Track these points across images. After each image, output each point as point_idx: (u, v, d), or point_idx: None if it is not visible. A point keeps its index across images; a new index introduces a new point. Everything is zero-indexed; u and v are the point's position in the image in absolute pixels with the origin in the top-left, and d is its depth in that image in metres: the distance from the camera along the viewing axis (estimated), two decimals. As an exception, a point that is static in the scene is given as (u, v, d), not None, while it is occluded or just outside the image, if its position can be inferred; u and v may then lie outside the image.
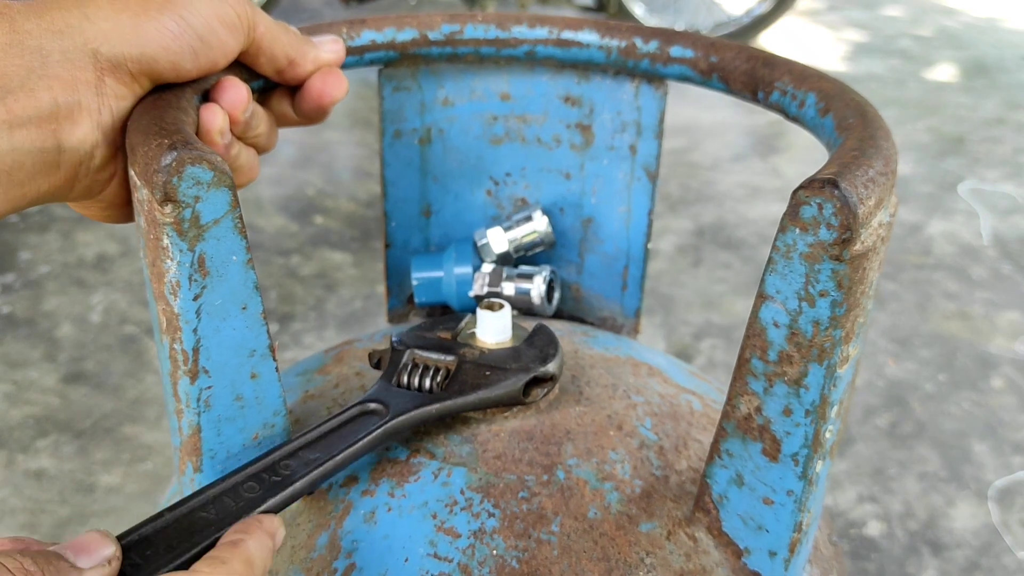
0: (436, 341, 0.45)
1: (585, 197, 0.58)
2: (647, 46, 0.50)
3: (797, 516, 0.37)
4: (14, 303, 1.44)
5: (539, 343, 0.45)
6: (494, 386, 0.42)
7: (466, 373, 0.43)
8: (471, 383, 0.42)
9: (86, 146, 0.35)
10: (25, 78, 0.33)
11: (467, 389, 0.42)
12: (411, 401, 0.41)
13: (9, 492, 1.06)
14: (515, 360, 0.44)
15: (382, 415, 0.40)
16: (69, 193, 0.37)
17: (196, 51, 0.37)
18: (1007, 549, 1.04)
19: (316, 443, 0.38)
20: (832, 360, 0.33)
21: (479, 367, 0.43)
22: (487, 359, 0.44)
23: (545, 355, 0.44)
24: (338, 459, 0.37)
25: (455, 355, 0.44)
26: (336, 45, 0.45)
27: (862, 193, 0.31)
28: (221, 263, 0.34)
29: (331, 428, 0.39)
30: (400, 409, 0.40)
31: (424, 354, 0.44)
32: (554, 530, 0.39)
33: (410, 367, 0.43)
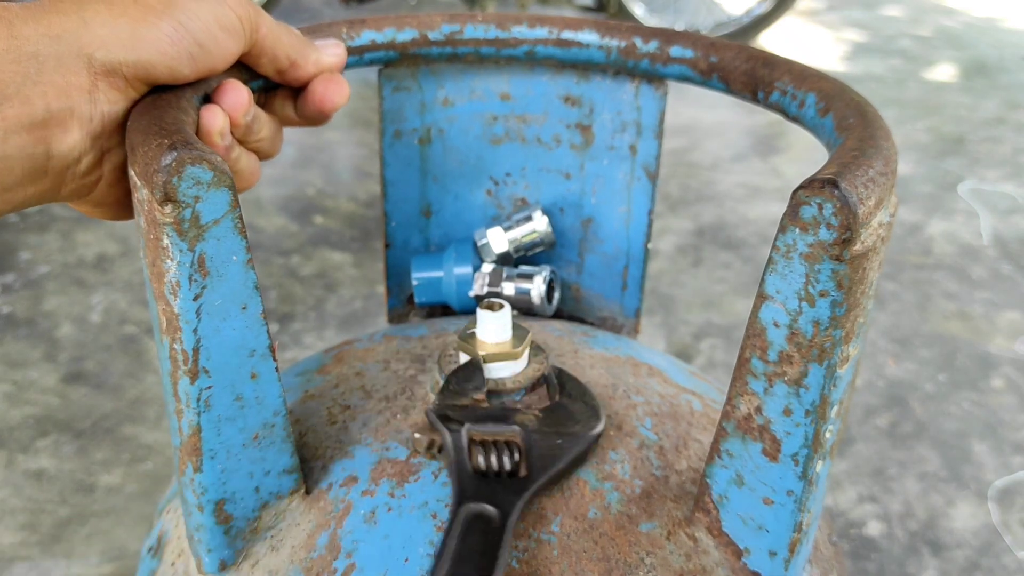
0: (481, 410, 0.41)
1: (585, 197, 0.58)
2: (647, 46, 0.50)
3: (797, 516, 0.37)
4: (14, 303, 1.44)
5: (575, 393, 0.44)
6: (571, 453, 0.40)
7: (538, 445, 0.40)
8: (549, 455, 0.40)
9: (75, 153, 0.35)
10: (21, 84, 0.33)
11: (549, 463, 0.39)
12: (516, 493, 0.38)
13: (9, 492, 1.06)
14: (572, 421, 0.42)
15: (496, 520, 0.37)
16: (57, 196, 0.37)
17: (194, 56, 0.37)
18: (1007, 549, 1.04)
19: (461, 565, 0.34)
20: (832, 360, 0.33)
21: (545, 435, 0.41)
22: (547, 425, 0.41)
23: (594, 409, 0.43)
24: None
25: (512, 424, 0.41)
26: (338, 49, 0.45)
27: (862, 193, 0.31)
28: (221, 263, 0.34)
29: (457, 544, 0.36)
30: (509, 506, 0.37)
31: (481, 428, 0.40)
32: (554, 530, 0.39)
33: (480, 450, 0.39)
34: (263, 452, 0.39)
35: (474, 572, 0.34)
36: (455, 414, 0.41)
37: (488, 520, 0.37)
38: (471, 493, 0.38)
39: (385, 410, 0.46)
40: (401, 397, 0.46)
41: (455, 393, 0.42)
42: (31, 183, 0.35)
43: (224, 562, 0.40)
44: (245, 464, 0.39)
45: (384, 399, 0.46)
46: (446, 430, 0.40)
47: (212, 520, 0.39)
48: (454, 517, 0.37)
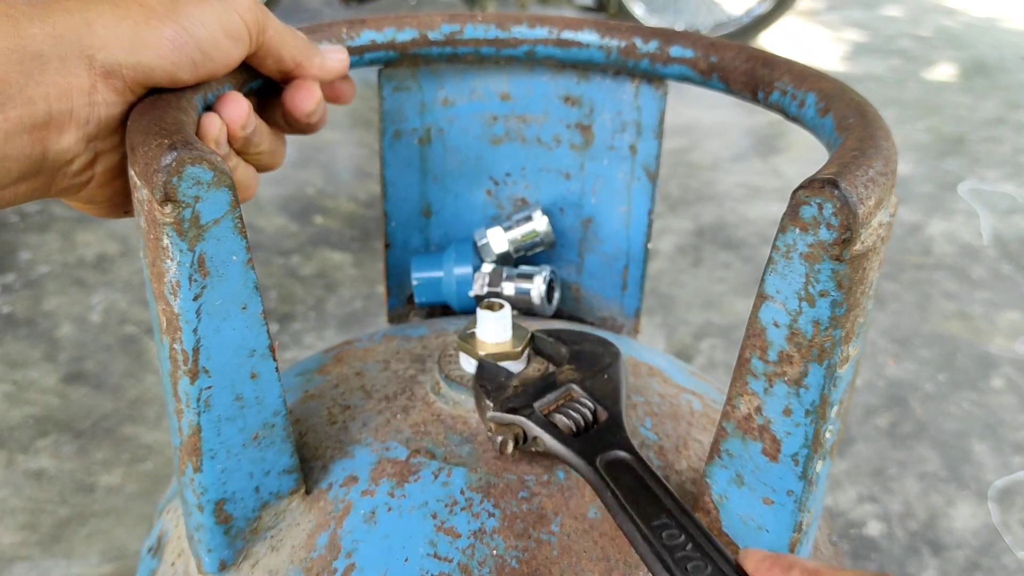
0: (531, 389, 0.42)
1: (585, 197, 0.58)
2: (647, 46, 0.50)
3: (797, 516, 0.37)
4: (14, 303, 1.44)
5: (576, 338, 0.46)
6: (620, 380, 0.43)
7: (594, 388, 0.42)
8: (607, 391, 0.42)
9: (68, 154, 0.35)
10: (24, 85, 0.33)
11: (613, 395, 0.42)
12: (616, 429, 0.40)
13: (9, 492, 1.06)
14: (598, 356, 0.44)
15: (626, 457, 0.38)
16: (46, 193, 0.37)
17: (196, 62, 0.37)
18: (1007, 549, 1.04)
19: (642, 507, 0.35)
20: (832, 360, 0.33)
21: (593, 378, 0.43)
22: (586, 372, 0.43)
23: (600, 340, 0.46)
24: (675, 498, 0.36)
25: (564, 385, 0.42)
26: (341, 55, 0.45)
27: (862, 193, 0.31)
28: (221, 263, 0.34)
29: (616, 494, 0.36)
30: (624, 441, 0.39)
31: (545, 401, 0.41)
32: (554, 530, 0.39)
33: (559, 416, 0.40)
34: (263, 452, 0.39)
35: (652, 503, 0.35)
36: (515, 403, 0.41)
37: (619, 460, 0.38)
38: (589, 449, 0.39)
39: (385, 410, 0.46)
40: (401, 397, 0.46)
41: (496, 389, 0.43)
42: (24, 182, 0.35)
43: (224, 562, 0.40)
44: (245, 464, 0.39)
45: (384, 399, 0.46)
46: (524, 417, 0.41)
47: (212, 520, 0.39)
48: (598, 477, 0.37)
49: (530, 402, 0.41)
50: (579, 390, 0.42)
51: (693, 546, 0.33)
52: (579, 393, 0.42)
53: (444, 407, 0.45)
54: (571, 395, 0.42)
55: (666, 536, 0.34)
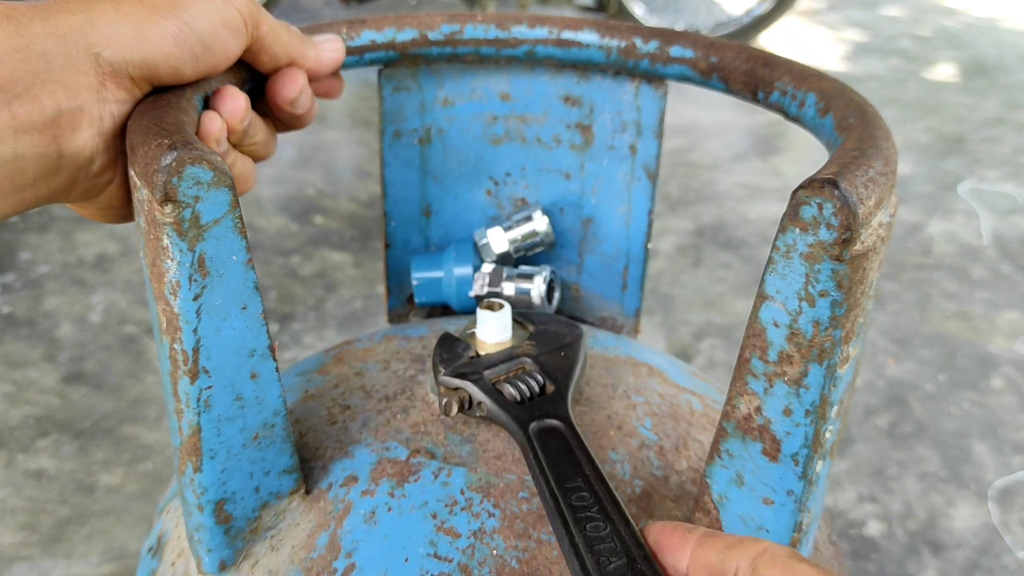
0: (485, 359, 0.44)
1: (585, 197, 0.58)
2: (647, 46, 0.50)
3: (797, 516, 0.37)
4: (14, 303, 1.44)
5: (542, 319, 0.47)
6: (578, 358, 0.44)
7: (548, 363, 0.44)
8: (561, 367, 0.43)
9: (87, 152, 0.35)
10: (30, 83, 0.33)
11: (567, 371, 0.43)
12: (559, 400, 0.41)
13: (9, 492, 1.06)
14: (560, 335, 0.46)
15: (559, 426, 0.39)
16: (68, 196, 0.37)
17: (198, 56, 0.37)
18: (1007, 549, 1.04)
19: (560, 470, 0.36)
20: (832, 360, 0.33)
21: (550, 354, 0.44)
22: (544, 347, 0.45)
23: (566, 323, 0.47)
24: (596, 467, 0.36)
25: (518, 358, 0.44)
26: (336, 44, 0.45)
27: (862, 193, 0.31)
28: (221, 263, 0.34)
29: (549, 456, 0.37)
30: (563, 411, 0.40)
31: (496, 371, 0.43)
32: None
33: (506, 385, 0.42)
34: (263, 452, 0.39)
35: (571, 468, 0.36)
36: (466, 370, 0.43)
37: (552, 428, 0.39)
38: (525, 416, 0.40)
39: (385, 410, 0.46)
40: (401, 397, 0.46)
41: (452, 359, 0.44)
42: (44, 182, 0.35)
43: (224, 562, 0.40)
44: (245, 464, 0.39)
45: (384, 399, 0.46)
46: (471, 383, 0.42)
47: (212, 520, 0.39)
48: (527, 440, 0.38)
49: (481, 370, 0.43)
50: (532, 364, 0.44)
51: (599, 508, 0.34)
52: (531, 367, 0.43)
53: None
54: (524, 368, 0.44)
55: (575, 498, 0.35)
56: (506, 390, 0.42)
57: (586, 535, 0.33)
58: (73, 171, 0.36)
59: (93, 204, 0.39)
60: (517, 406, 0.41)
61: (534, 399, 0.42)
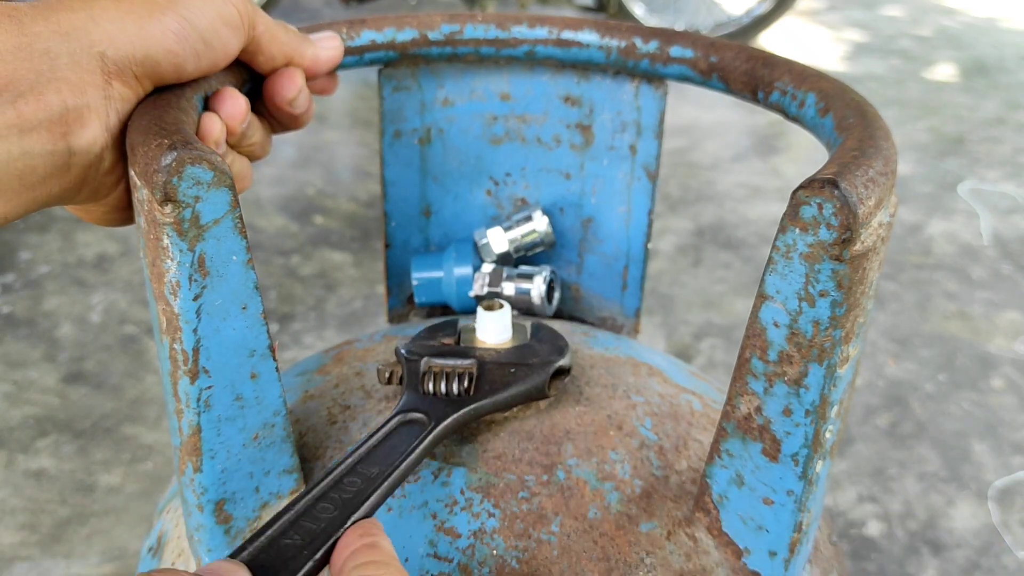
0: (445, 348, 0.44)
1: (585, 197, 0.58)
2: (647, 46, 0.50)
3: (797, 516, 0.37)
4: (14, 303, 1.44)
5: (547, 338, 0.46)
6: (521, 382, 0.42)
7: (491, 374, 0.43)
8: (499, 382, 0.42)
9: (96, 148, 0.35)
10: (35, 81, 0.33)
11: (497, 388, 0.42)
12: (449, 406, 0.40)
13: (9, 492, 1.06)
14: (533, 356, 0.44)
15: (425, 424, 0.39)
16: (78, 195, 0.37)
17: (199, 53, 0.37)
18: (1007, 549, 1.04)
19: (370, 457, 0.37)
20: (832, 360, 0.33)
21: (501, 366, 0.43)
22: (505, 358, 0.44)
23: (559, 348, 0.45)
24: (401, 469, 0.36)
25: (473, 358, 0.43)
26: (334, 42, 0.45)
27: (862, 193, 0.31)
28: (221, 263, 0.34)
29: (379, 441, 0.38)
30: (441, 415, 0.40)
31: (440, 361, 0.43)
32: (554, 530, 0.39)
33: (433, 375, 0.42)
34: (263, 452, 0.39)
35: (384, 455, 0.36)
36: (422, 351, 0.44)
37: (419, 424, 0.39)
38: (410, 407, 0.40)
39: (385, 410, 0.46)
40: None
41: (426, 338, 0.45)
42: (55, 180, 0.35)
43: (224, 562, 0.40)
44: (245, 464, 0.39)
45: (384, 399, 0.46)
46: (405, 361, 0.43)
47: (212, 520, 0.39)
48: (387, 423, 0.39)
49: (428, 354, 0.43)
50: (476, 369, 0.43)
51: (354, 495, 0.34)
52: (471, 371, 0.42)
53: (444, 407, 0.45)
54: (468, 370, 0.43)
55: (347, 482, 0.35)
56: (426, 383, 0.42)
57: (313, 510, 0.33)
58: (83, 168, 0.36)
59: (101, 205, 0.40)
60: (419, 397, 0.41)
61: (448, 396, 0.41)
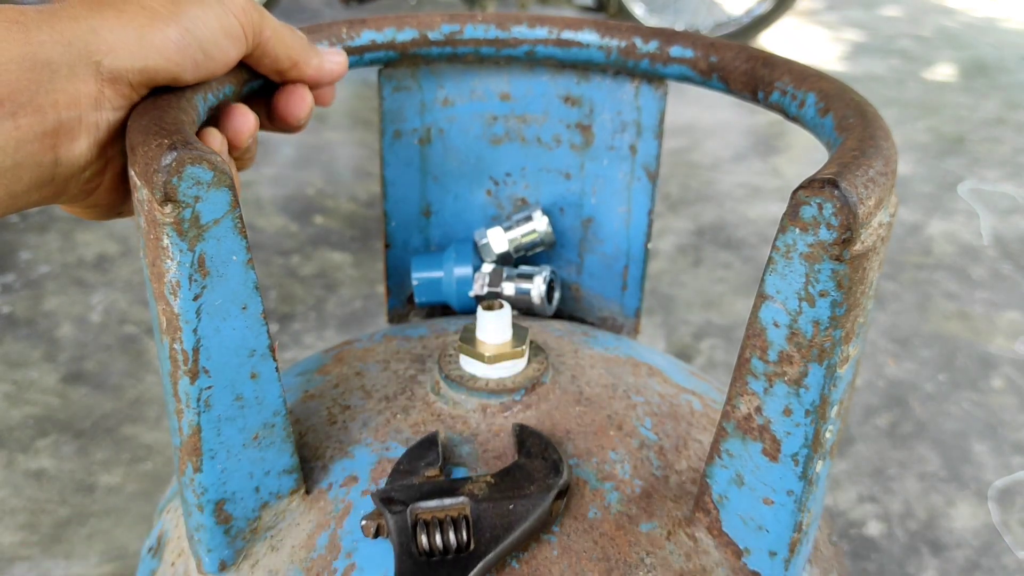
0: (429, 486, 0.39)
1: (585, 197, 0.58)
2: (647, 46, 0.50)
3: (797, 516, 0.37)
4: (14, 303, 1.44)
5: (535, 450, 0.41)
6: (525, 520, 0.37)
7: (487, 515, 0.38)
8: (500, 524, 0.37)
9: (81, 161, 0.36)
10: (35, 93, 0.33)
11: (501, 533, 0.37)
12: (461, 571, 0.36)
13: (9, 492, 1.06)
14: (529, 481, 0.39)
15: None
16: (57, 199, 0.38)
17: (198, 63, 0.37)
18: (1007, 549, 1.04)
19: None
20: (832, 360, 0.33)
21: (496, 502, 0.38)
22: (498, 492, 0.38)
23: (554, 464, 0.40)
24: None
25: (462, 495, 0.38)
26: (340, 58, 0.45)
27: (862, 193, 0.31)
28: (221, 263, 0.34)
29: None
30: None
31: (427, 506, 0.38)
32: (554, 530, 0.39)
33: (424, 528, 0.37)
34: (263, 452, 0.39)
35: None
36: (400, 495, 0.38)
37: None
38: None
39: (385, 410, 0.46)
40: (401, 397, 0.46)
41: (406, 472, 0.40)
42: (37, 190, 0.35)
43: (224, 562, 0.40)
44: (245, 464, 0.39)
45: (384, 399, 0.46)
46: (388, 512, 0.37)
47: (212, 520, 0.39)
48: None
49: (412, 500, 0.38)
50: (469, 510, 0.38)
51: None
52: (467, 514, 0.38)
53: (444, 407, 0.45)
54: (459, 511, 0.38)
55: None
56: (420, 539, 0.37)
57: None
58: (67, 178, 0.36)
59: (81, 204, 0.40)
60: (415, 561, 0.36)
61: (446, 555, 0.37)
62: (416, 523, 0.37)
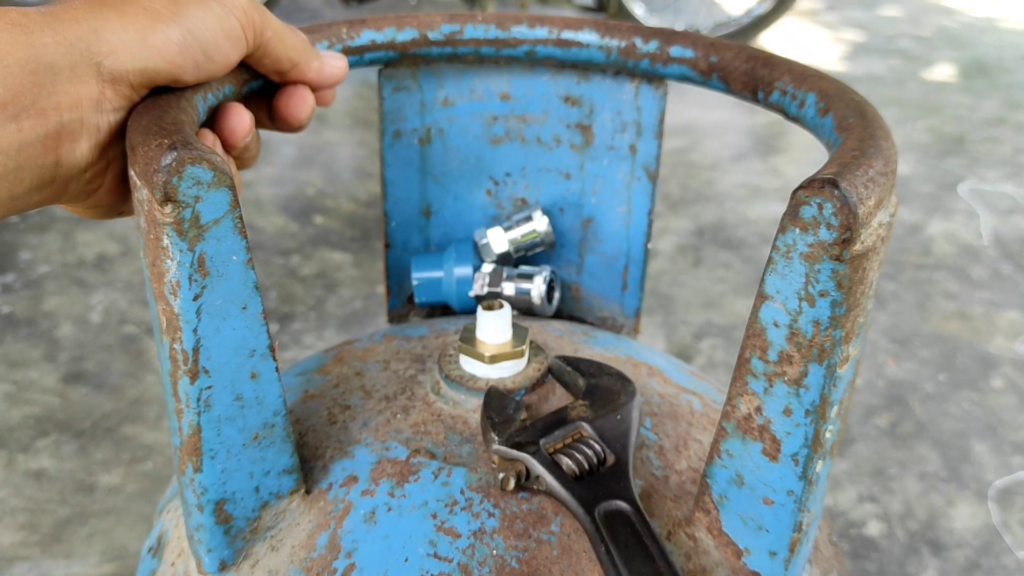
0: (541, 423, 0.41)
1: (585, 197, 0.58)
2: (647, 46, 0.50)
3: (797, 516, 0.37)
4: (14, 303, 1.44)
5: (593, 370, 0.45)
6: (631, 422, 0.41)
7: (604, 428, 0.41)
8: (619, 432, 0.41)
9: (82, 163, 0.36)
10: (37, 96, 0.33)
11: (623, 439, 0.40)
12: (622, 478, 0.39)
13: (9, 492, 1.06)
14: (614, 394, 0.43)
15: (627, 510, 0.37)
16: (57, 200, 0.38)
17: (198, 64, 0.37)
18: (1007, 549, 1.04)
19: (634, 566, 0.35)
20: (832, 360, 0.33)
21: (604, 417, 0.41)
22: (599, 409, 0.42)
23: (618, 374, 0.44)
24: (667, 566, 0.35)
25: (574, 423, 0.41)
26: (340, 62, 0.45)
27: (862, 193, 0.31)
28: (221, 263, 0.34)
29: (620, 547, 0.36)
30: (627, 492, 0.38)
31: (553, 437, 0.40)
32: (554, 530, 0.39)
33: (564, 456, 0.39)
34: (263, 452, 0.39)
35: (645, 564, 0.35)
36: (521, 438, 0.40)
37: (619, 512, 0.38)
38: (589, 496, 0.38)
39: (385, 410, 0.46)
40: (401, 397, 0.46)
41: (503, 423, 0.42)
42: (38, 191, 0.35)
43: (224, 562, 0.40)
44: (245, 464, 0.39)
45: (384, 399, 0.46)
46: (527, 454, 0.40)
47: (212, 520, 0.39)
48: (593, 525, 0.37)
49: (537, 438, 0.40)
50: (589, 429, 0.41)
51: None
52: (588, 433, 0.41)
53: (444, 407, 0.45)
54: (580, 434, 0.41)
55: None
56: (565, 463, 0.39)
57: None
58: (67, 180, 0.36)
59: (80, 204, 0.40)
60: (579, 483, 0.39)
61: (594, 473, 0.39)
62: (552, 454, 0.40)
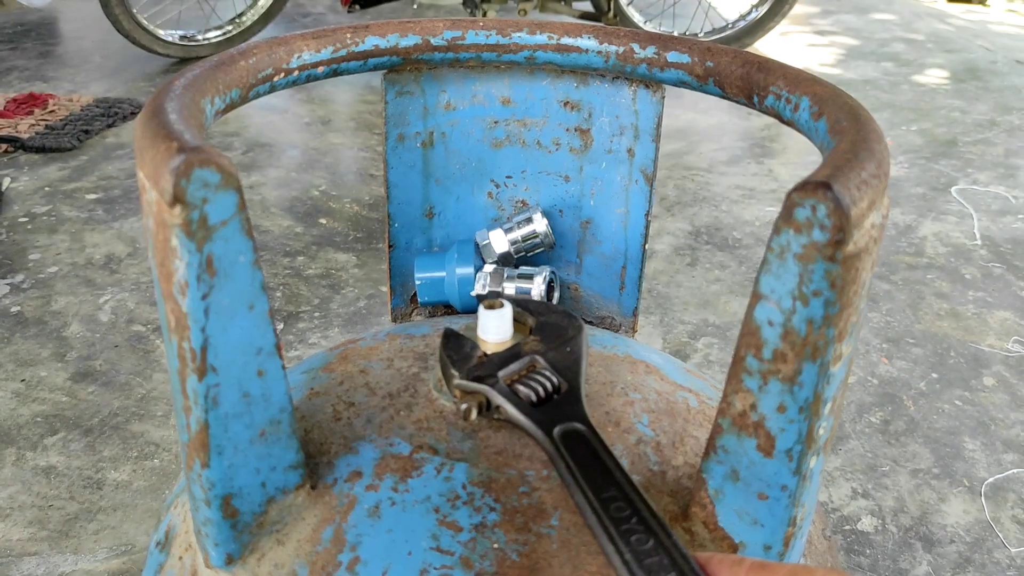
0: (496, 358, 0.44)
1: (584, 199, 0.59)
2: (644, 51, 0.51)
3: (791, 511, 0.38)
4: (23, 303, 1.44)
5: (541, 309, 0.47)
6: (581, 353, 0.44)
7: (556, 360, 0.43)
8: (570, 362, 0.43)
9: None
10: None
11: (574, 367, 0.43)
12: (575, 401, 0.41)
13: (18, 488, 1.07)
14: (562, 328, 0.46)
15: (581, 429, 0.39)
16: None
17: None
18: (999, 544, 1.05)
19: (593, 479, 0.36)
20: (825, 358, 0.34)
21: (556, 350, 0.44)
22: (550, 343, 0.45)
23: (563, 312, 0.47)
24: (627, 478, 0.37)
25: (527, 356, 0.44)
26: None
27: (855, 195, 0.31)
28: (229, 263, 0.34)
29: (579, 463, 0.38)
30: (580, 413, 0.40)
31: (509, 370, 0.43)
32: (554, 524, 0.40)
33: (522, 386, 0.42)
34: (269, 448, 0.39)
35: (603, 476, 0.37)
36: (483, 371, 0.43)
37: (576, 432, 0.39)
38: (547, 420, 0.40)
39: (389, 407, 0.46)
40: (404, 394, 0.47)
41: (462, 360, 0.44)
42: None
43: (231, 556, 0.40)
44: (252, 460, 0.39)
45: (388, 396, 0.47)
46: (487, 387, 0.42)
47: (219, 515, 0.39)
48: (553, 445, 0.39)
49: (495, 371, 0.43)
50: (542, 361, 0.43)
51: (639, 520, 0.34)
52: (542, 364, 0.43)
53: (446, 404, 0.46)
54: (534, 366, 0.43)
55: (614, 508, 0.35)
56: (522, 391, 0.41)
57: (633, 549, 0.33)
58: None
59: None
60: (537, 409, 0.41)
61: (550, 399, 0.41)
62: (510, 385, 0.42)
